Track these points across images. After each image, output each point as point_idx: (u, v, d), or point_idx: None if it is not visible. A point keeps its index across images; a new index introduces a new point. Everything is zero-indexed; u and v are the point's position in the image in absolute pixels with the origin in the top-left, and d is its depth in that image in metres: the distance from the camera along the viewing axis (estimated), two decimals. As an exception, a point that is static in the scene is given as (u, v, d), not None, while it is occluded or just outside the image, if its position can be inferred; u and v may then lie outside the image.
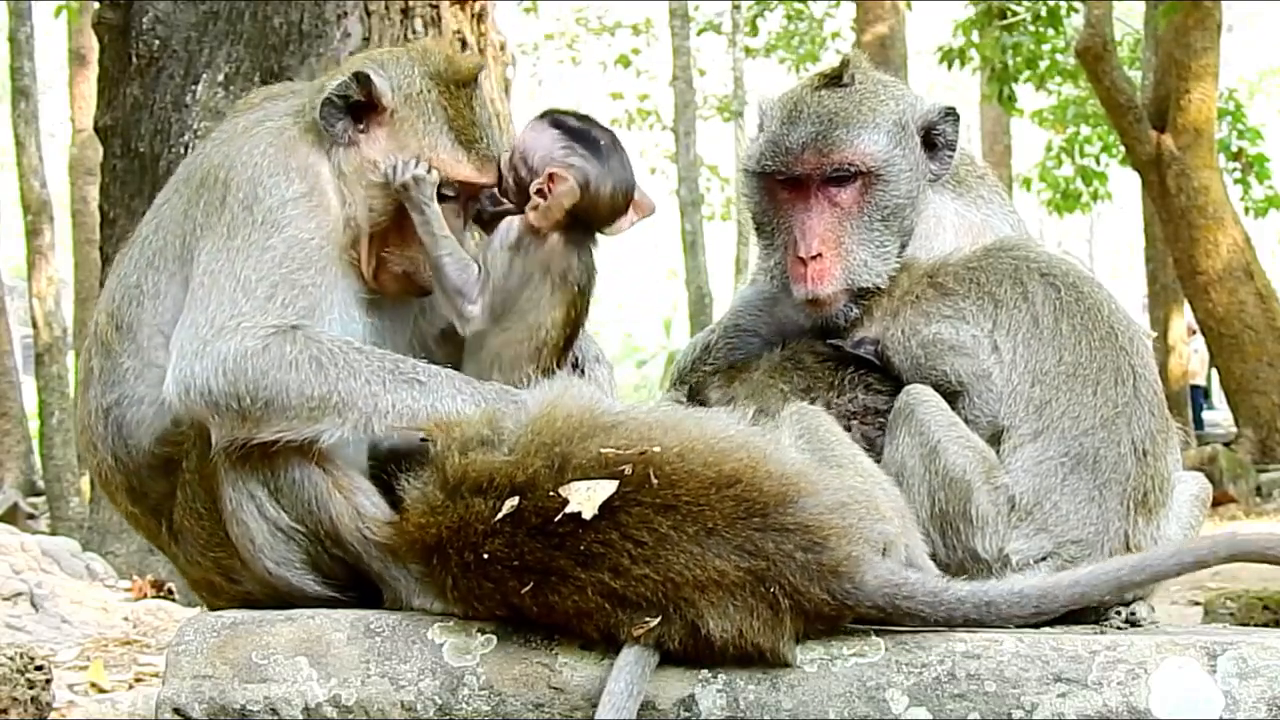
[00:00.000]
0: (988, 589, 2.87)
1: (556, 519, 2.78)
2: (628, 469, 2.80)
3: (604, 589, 2.78)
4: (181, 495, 3.29)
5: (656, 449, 2.82)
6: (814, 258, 3.47)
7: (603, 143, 3.43)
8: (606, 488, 2.78)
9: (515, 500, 2.82)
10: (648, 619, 2.77)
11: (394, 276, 3.38)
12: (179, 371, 3.09)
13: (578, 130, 3.43)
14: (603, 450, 2.82)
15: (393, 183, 3.30)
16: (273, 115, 3.39)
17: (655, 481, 2.79)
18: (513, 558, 2.82)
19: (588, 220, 3.42)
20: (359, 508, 3.18)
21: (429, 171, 3.30)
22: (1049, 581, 2.90)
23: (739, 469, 2.82)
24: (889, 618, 2.83)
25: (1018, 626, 2.86)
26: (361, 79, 3.31)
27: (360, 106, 3.33)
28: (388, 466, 3.16)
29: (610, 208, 3.43)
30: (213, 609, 3.41)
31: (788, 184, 3.53)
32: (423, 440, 3.05)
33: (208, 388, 3.06)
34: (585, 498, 2.77)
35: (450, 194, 3.38)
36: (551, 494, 2.80)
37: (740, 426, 2.97)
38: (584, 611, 2.81)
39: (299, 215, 3.22)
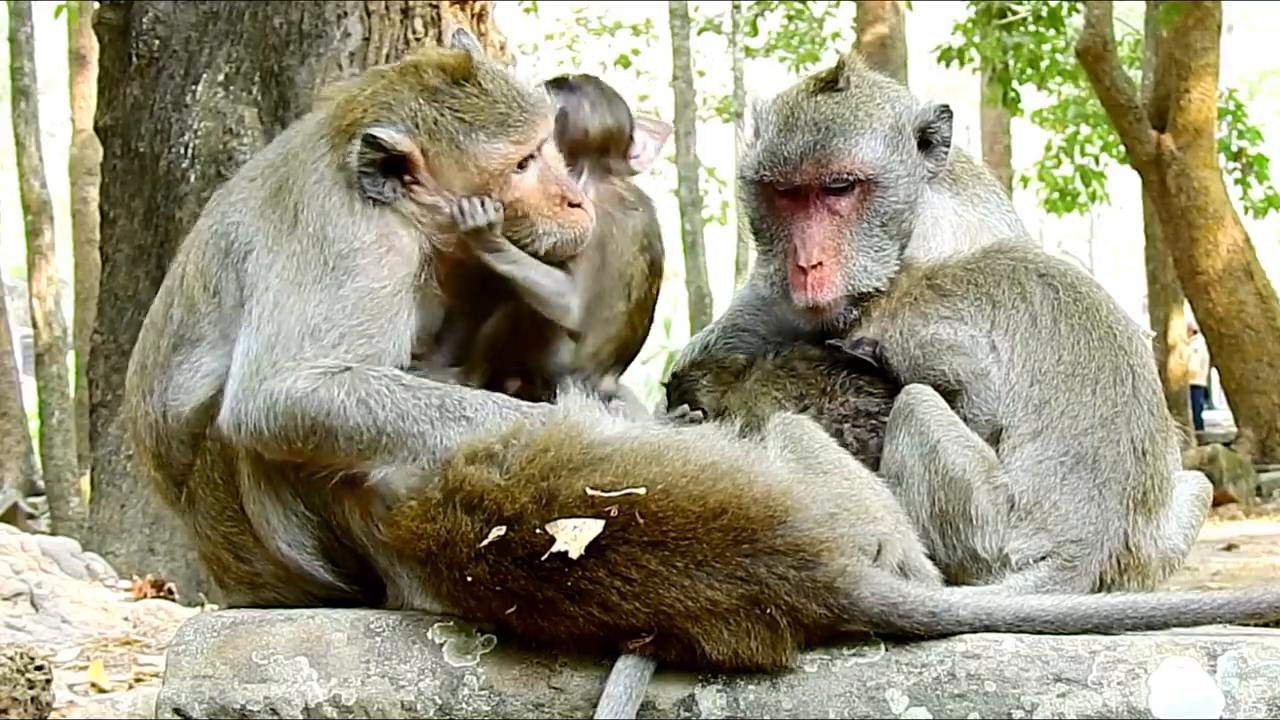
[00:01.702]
0: (992, 612, 2.83)
1: (543, 556, 2.76)
2: (613, 510, 2.78)
3: (594, 621, 2.78)
4: (201, 462, 3.30)
5: (641, 490, 2.79)
6: (814, 266, 3.47)
7: (571, 78, 3.60)
8: (593, 528, 2.76)
9: (501, 530, 2.81)
10: (642, 635, 2.77)
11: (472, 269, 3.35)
12: (235, 406, 3.11)
13: (550, 80, 3.60)
14: (589, 491, 2.80)
15: (461, 231, 3.29)
16: (328, 160, 3.34)
17: (641, 521, 2.77)
18: (496, 583, 2.81)
19: (598, 153, 3.52)
20: (369, 506, 3.18)
21: (492, 209, 3.27)
22: (1063, 608, 2.86)
23: (724, 499, 2.80)
24: (885, 631, 2.82)
25: None
26: (370, 141, 3.24)
27: (391, 161, 3.26)
28: None
29: (603, 129, 3.53)
30: (220, 585, 3.43)
31: (786, 192, 3.52)
32: None
33: (259, 429, 3.08)
34: (572, 537, 2.75)
35: (527, 167, 3.32)
36: (538, 530, 2.79)
37: (725, 448, 2.94)
38: (576, 636, 2.82)
39: (370, 263, 3.19)
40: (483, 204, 3.28)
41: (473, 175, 3.28)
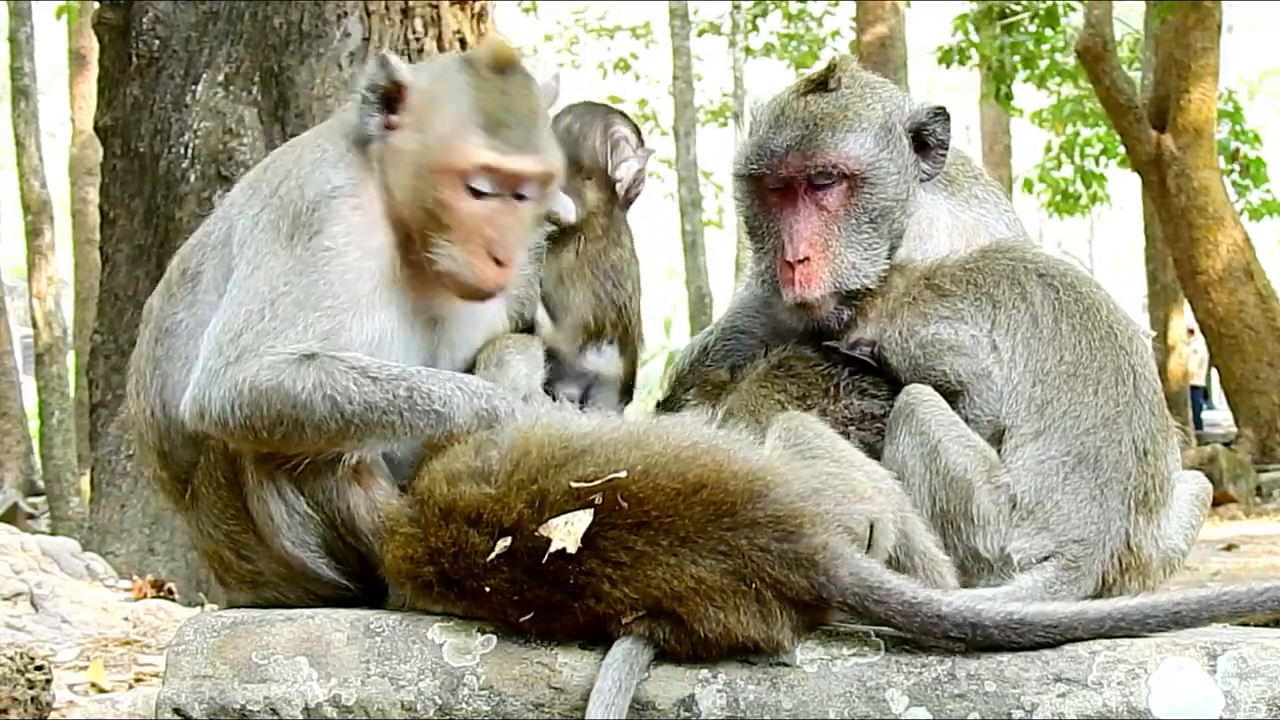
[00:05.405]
0: (980, 610, 2.79)
1: (544, 559, 2.79)
2: (598, 498, 2.81)
3: (590, 614, 2.81)
4: (204, 462, 3.29)
5: (622, 473, 2.82)
6: (801, 261, 3.47)
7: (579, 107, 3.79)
8: (584, 519, 2.80)
9: (507, 541, 2.84)
10: (636, 612, 2.79)
11: (439, 275, 3.26)
12: (198, 391, 3.10)
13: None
14: (573, 484, 2.84)
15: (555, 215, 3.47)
16: (335, 121, 3.42)
17: (624, 504, 2.80)
18: (513, 593, 2.85)
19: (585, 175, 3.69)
20: (376, 502, 3.18)
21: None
22: (1058, 613, 2.81)
23: (703, 474, 2.83)
24: (864, 617, 2.81)
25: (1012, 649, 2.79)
26: (381, 61, 3.27)
27: (391, 97, 3.26)
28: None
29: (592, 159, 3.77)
30: (221, 583, 3.43)
31: (775, 188, 3.53)
32: None
33: (222, 417, 3.07)
34: (566, 533, 2.79)
35: (485, 189, 3.20)
36: (536, 534, 2.82)
37: (704, 431, 2.96)
38: (577, 631, 2.85)
39: (329, 219, 3.18)
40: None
41: (433, 149, 3.21)
